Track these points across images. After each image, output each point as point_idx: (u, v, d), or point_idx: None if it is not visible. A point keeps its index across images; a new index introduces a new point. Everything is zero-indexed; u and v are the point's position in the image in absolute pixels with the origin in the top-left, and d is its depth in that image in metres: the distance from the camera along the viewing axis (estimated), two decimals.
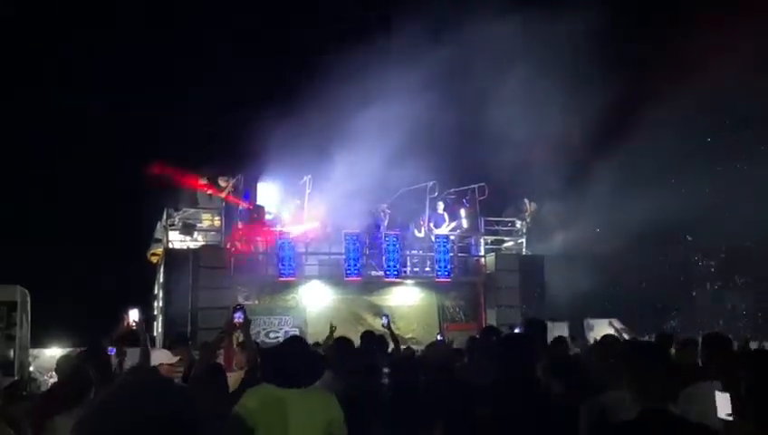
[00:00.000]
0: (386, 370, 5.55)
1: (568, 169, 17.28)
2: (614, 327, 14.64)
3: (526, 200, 16.62)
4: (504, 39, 16.06)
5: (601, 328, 14.72)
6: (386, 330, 8.31)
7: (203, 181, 14.59)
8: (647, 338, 11.37)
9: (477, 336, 6.79)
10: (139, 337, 5.72)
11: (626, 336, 10.46)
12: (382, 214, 15.67)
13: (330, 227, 15.34)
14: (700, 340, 5.34)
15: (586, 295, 15.58)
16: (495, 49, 16.18)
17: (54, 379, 6.88)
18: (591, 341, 8.39)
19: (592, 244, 16.57)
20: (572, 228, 16.83)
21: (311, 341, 9.90)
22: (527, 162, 16.53)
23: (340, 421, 3.77)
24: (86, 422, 1.43)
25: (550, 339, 5.95)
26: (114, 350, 6.68)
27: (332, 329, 8.64)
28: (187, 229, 14.25)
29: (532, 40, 16.26)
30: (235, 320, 5.17)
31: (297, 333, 13.97)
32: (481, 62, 16.63)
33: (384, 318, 8.78)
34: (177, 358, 6.00)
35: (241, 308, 5.26)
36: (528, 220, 16.56)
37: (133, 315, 5.95)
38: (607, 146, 16.99)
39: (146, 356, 5.48)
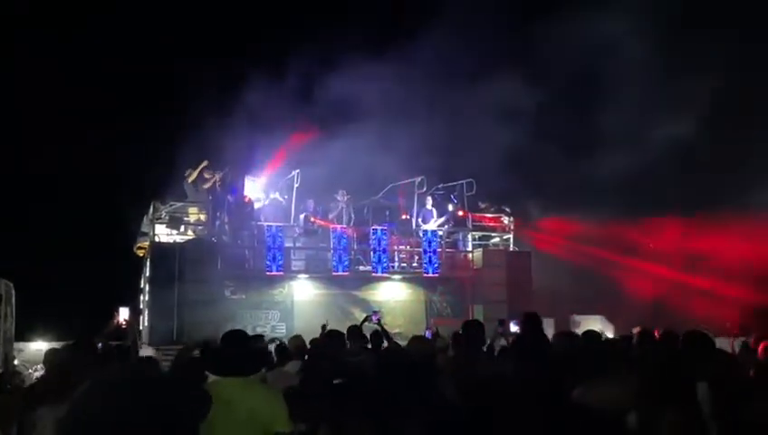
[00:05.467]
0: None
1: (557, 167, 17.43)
2: (600, 324, 14.75)
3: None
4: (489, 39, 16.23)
5: (587, 324, 14.81)
6: (376, 326, 8.34)
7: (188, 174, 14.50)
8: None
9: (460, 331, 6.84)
10: (128, 335, 5.70)
11: (608, 334, 10.53)
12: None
13: (317, 221, 15.33)
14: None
15: (572, 292, 15.67)
16: (483, 48, 16.32)
17: (39, 372, 6.85)
18: None
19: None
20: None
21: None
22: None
23: (285, 418, 3.75)
24: (71, 415, 1.43)
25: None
26: (100, 344, 6.65)
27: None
28: (174, 223, 14.19)
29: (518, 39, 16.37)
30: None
31: (284, 328, 14.01)
32: (469, 60, 16.75)
33: (374, 315, 8.79)
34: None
35: None
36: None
37: (123, 314, 5.95)
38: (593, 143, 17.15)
39: (135, 353, 5.46)
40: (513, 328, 8.65)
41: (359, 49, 16.30)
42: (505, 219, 16.69)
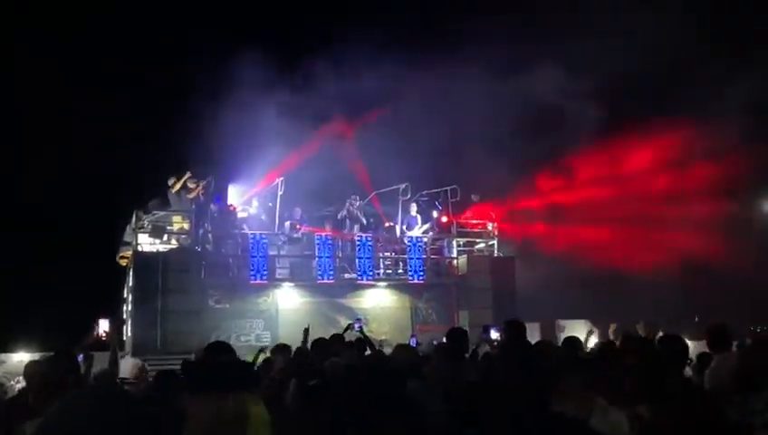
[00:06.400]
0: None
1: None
2: (586, 328, 14.78)
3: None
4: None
5: (573, 329, 14.85)
6: (359, 334, 8.29)
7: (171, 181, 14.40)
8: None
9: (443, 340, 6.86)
10: (110, 347, 5.62)
11: (594, 338, 10.54)
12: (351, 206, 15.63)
13: (302, 229, 15.30)
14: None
15: (557, 296, 15.74)
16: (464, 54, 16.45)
17: (21, 384, 6.76)
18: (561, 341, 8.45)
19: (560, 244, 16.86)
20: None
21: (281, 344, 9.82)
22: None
23: (267, 424, 3.80)
24: (48, 429, 1.42)
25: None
26: (82, 356, 6.57)
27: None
28: (157, 232, 14.08)
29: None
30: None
31: (268, 337, 13.94)
32: (454, 69, 16.86)
33: (356, 323, 8.74)
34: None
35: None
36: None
37: (104, 326, 5.87)
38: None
39: (114, 365, 5.40)
40: (494, 335, 8.64)
41: (345, 57, 16.36)
42: (490, 225, 16.73)
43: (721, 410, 3.51)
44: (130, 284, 14.07)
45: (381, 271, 15.63)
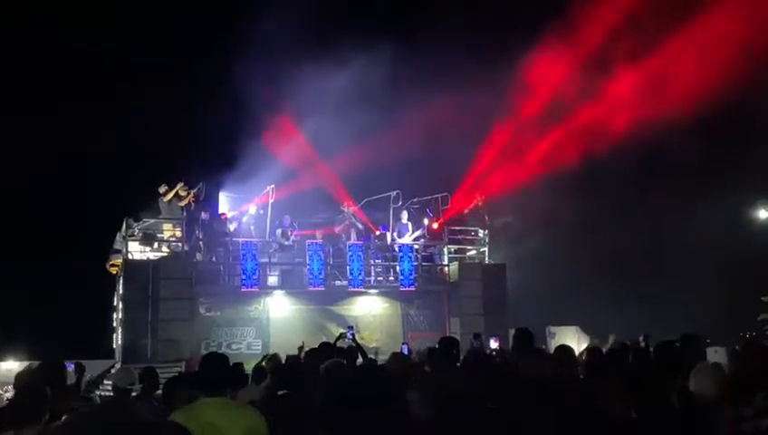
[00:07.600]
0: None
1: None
2: (576, 335, 14.86)
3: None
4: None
5: (563, 335, 14.91)
6: (351, 342, 8.30)
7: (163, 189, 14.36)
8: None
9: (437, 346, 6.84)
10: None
11: (585, 343, 10.63)
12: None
13: (293, 234, 15.29)
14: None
15: (548, 302, 15.79)
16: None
17: (10, 393, 6.73)
18: (552, 348, 8.49)
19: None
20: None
21: (273, 352, 9.82)
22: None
23: (264, 430, 3.83)
24: None
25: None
26: (74, 365, 6.55)
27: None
28: (148, 240, 14.04)
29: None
30: None
31: (259, 344, 13.92)
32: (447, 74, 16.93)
33: (349, 331, 8.75)
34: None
35: None
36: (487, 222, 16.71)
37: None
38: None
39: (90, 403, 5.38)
40: (494, 344, 8.67)
41: (341, 63, 16.41)
42: (480, 232, 16.75)
43: (710, 417, 3.54)
44: (121, 292, 14.00)
45: (372, 278, 15.61)
